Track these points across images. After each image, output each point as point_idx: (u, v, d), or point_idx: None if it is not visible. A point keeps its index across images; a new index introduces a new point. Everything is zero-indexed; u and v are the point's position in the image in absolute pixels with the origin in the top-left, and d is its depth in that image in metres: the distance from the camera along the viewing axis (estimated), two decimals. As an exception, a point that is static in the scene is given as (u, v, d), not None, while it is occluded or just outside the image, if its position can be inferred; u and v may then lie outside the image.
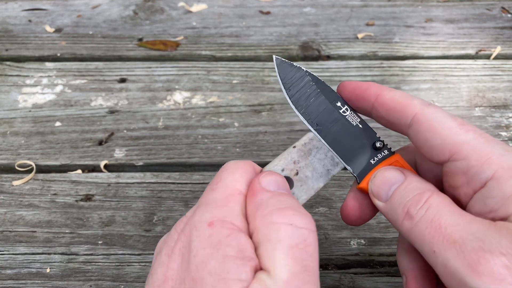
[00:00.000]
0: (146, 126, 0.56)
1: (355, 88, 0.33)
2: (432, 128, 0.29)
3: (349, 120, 0.33)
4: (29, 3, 0.77)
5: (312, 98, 0.33)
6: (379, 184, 0.31)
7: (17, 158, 0.52)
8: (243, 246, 0.26)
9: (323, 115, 0.33)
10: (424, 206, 0.27)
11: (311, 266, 0.26)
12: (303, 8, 0.76)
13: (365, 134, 0.33)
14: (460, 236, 0.25)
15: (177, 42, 0.69)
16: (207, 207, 0.28)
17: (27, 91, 0.61)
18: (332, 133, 0.33)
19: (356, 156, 0.33)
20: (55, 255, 0.43)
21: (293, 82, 0.33)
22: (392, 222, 0.29)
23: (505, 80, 0.61)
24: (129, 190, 0.49)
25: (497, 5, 0.75)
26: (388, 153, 0.33)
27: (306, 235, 0.27)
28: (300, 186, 0.33)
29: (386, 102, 0.31)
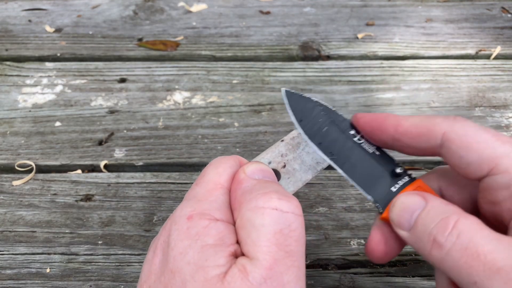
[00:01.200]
0: (146, 126, 0.56)
1: (371, 121, 0.31)
2: (465, 144, 0.27)
3: (365, 148, 0.32)
4: (29, 3, 0.77)
5: (325, 128, 0.32)
6: (399, 212, 0.29)
7: (17, 158, 0.52)
8: (222, 234, 0.26)
9: (338, 144, 0.32)
10: (453, 232, 0.25)
11: (296, 251, 0.26)
12: (303, 8, 0.75)
13: (383, 161, 0.32)
14: (505, 263, 0.23)
15: (177, 42, 0.69)
16: (189, 202, 0.28)
17: (27, 91, 0.61)
18: (348, 162, 0.31)
19: (376, 184, 0.31)
20: (55, 255, 0.43)
21: (304, 113, 0.32)
22: (419, 252, 0.27)
23: (505, 80, 0.61)
24: (129, 190, 0.49)
25: (497, 5, 0.75)
26: (409, 179, 0.31)
27: (292, 220, 0.26)
28: (288, 179, 0.32)
29: (408, 130, 0.30)
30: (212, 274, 0.25)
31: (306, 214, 0.46)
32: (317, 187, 0.48)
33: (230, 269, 0.25)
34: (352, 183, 0.31)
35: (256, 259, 0.25)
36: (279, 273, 0.25)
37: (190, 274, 0.25)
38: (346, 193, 0.48)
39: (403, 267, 0.42)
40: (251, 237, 0.26)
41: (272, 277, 0.25)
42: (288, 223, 0.26)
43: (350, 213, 0.46)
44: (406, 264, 0.42)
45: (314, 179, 0.49)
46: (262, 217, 0.26)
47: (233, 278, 0.24)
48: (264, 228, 0.26)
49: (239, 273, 0.24)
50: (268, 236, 0.25)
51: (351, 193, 0.48)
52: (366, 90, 0.60)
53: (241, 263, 0.25)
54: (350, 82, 0.62)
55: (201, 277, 0.25)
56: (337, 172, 0.33)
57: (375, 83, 0.61)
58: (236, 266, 0.25)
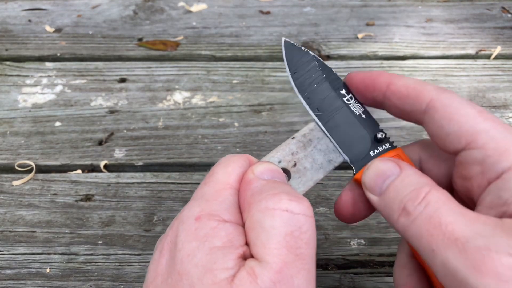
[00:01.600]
0: (146, 126, 0.56)
1: (364, 78, 0.31)
2: (448, 114, 0.27)
3: (352, 109, 0.32)
4: (29, 3, 0.77)
5: (316, 83, 0.32)
6: (372, 176, 0.29)
7: (17, 158, 0.52)
8: (231, 236, 0.26)
9: (326, 101, 0.32)
10: (422, 203, 0.25)
11: (306, 253, 0.25)
12: (303, 8, 0.75)
13: (367, 125, 0.32)
14: (463, 234, 0.23)
15: (177, 42, 0.69)
16: (197, 201, 0.28)
17: (27, 91, 0.61)
18: (333, 120, 0.31)
19: (355, 146, 0.31)
20: (55, 255, 0.43)
21: (299, 66, 0.32)
22: (386, 218, 0.28)
23: (505, 80, 0.61)
24: (129, 190, 0.49)
25: (497, 5, 0.75)
26: (389, 147, 0.31)
27: (302, 222, 0.26)
28: (298, 178, 0.32)
29: (399, 89, 0.29)
30: (221, 277, 0.24)
31: (306, 214, 0.46)
32: (317, 187, 0.48)
33: (239, 272, 0.24)
34: (332, 141, 0.31)
35: (266, 262, 0.24)
36: (289, 276, 0.24)
37: (197, 277, 0.24)
38: (346, 193, 0.48)
39: (403, 267, 0.42)
40: (260, 239, 0.25)
41: (282, 280, 0.24)
42: (299, 225, 0.26)
43: (350, 213, 0.46)
44: (406, 264, 0.42)
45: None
46: (272, 219, 0.25)
47: (242, 281, 0.24)
48: (274, 230, 0.25)
49: (248, 276, 0.24)
50: (278, 238, 0.25)
51: (351, 193, 0.48)
52: (366, 90, 0.60)
53: (250, 266, 0.25)
54: (350, 82, 0.62)
55: (209, 280, 0.24)
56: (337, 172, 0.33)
57: (375, 83, 0.61)
58: (244, 269, 0.25)
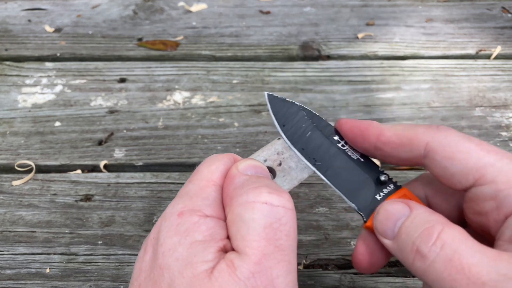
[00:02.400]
0: (146, 126, 0.56)
1: (353, 128, 0.31)
2: (449, 154, 0.27)
3: (349, 154, 0.31)
4: (29, 3, 0.77)
5: (308, 133, 0.31)
6: (382, 220, 0.28)
7: (17, 158, 0.52)
8: (211, 230, 0.26)
9: (321, 150, 0.31)
10: (437, 243, 0.24)
11: (286, 245, 0.26)
12: (303, 8, 0.75)
13: (367, 168, 0.31)
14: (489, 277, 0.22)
15: (177, 42, 0.69)
16: (181, 198, 0.28)
17: (26, 91, 0.61)
18: (332, 169, 0.31)
19: (360, 192, 0.30)
20: (55, 255, 0.43)
21: (287, 117, 0.32)
22: (403, 262, 0.27)
23: (505, 80, 0.61)
24: (129, 190, 0.49)
25: (497, 5, 0.75)
26: (394, 187, 0.30)
27: (282, 214, 0.26)
28: (283, 177, 0.32)
29: (390, 140, 0.29)
30: (200, 269, 0.25)
31: (306, 214, 0.46)
32: (317, 187, 0.48)
33: (218, 264, 0.25)
34: (336, 191, 0.31)
35: (245, 254, 0.25)
36: (268, 267, 0.25)
37: (178, 271, 0.25)
38: (346, 193, 0.48)
39: (403, 267, 0.42)
40: (240, 231, 0.25)
41: (261, 271, 0.24)
42: (278, 217, 0.26)
43: (350, 213, 0.46)
44: (406, 264, 0.42)
45: (314, 179, 0.49)
46: (252, 212, 0.26)
47: (221, 273, 0.24)
48: (253, 223, 0.25)
49: (227, 268, 0.24)
50: (257, 230, 0.25)
51: (351, 193, 0.48)
52: (366, 90, 0.60)
53: (229, 258, 0.25)
54: (350, 82, 0.62)
55: (189, 273, 0.25)
56: None
57: (375, 83, 0.61)
58: (224, 261, 0.25)
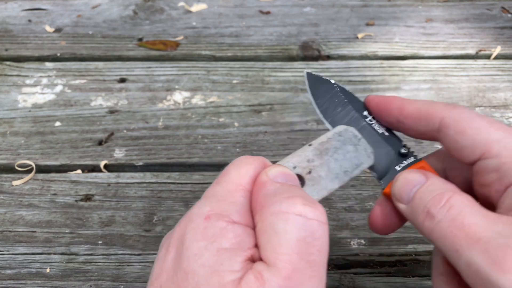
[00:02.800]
0: (146, 126, 0.56)
1: (379, 103, 0.33)
2: (461, 129, 0.29)
3: (375, 128, 0.34)
4: (29, 3, 0.77)
5: (339, 108, 0.34)
6: (400, 186, 0.30)
7: (17, 158, 0.52)
8: (239, 237, 0.26)
9: (350, 123, 0.34)
10: (445, 206, 0.27)
11: (318, 261, 0.25)
12: (303, 8, 0.75)
13: (390, 142, 0.34)
14: (485, 234, 0.24)
15: (177, 42, 0.69)
16: (207, 200, 0.28)
17: (27, 91, 0.61)
18: None
19: (382, 163, 0.33)
20: (55, 255, 0.43)
21: (322, 93, 0.34)
22: (414, 224, 0.29)
23: (505, 80, 0.61)
24: (129, 190, 0.49)
25: (497, 5, 0.75)
26: (414, 160, 0.33)
27: (316, 228, 0.25)
28: (312, 186, 0.31)
29: (410, 113, 0.32)
30: (227, 279, 0.24)
31: (306, 214, 0.46)
32: (317, 187, 0.48)
33: (246, 275, 0.24)
34: None
35: (275, 267, 0.24)
36: (298, 283, 0.24)
37: (204, 277, 0.24)
38: (346, 193, 0.48)
39: (403, 267, 0.42)
40: (271, 242, 0.25)
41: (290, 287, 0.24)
42: (312, 230, 0.25)
43: (350, 213, 0.46)
44: (406, 264, 0.42)
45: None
46: (285, 223, 0.25)
47: (249, 285, 0.24)
48: (286, 234, 0.25)
49: (255, 280, 0.24)
50: (290, 243, 0.24)
51: (351, 193, 0.48)
52: (366, 90, 0.60)
53: (258, 270, 0.24)
54: (350, 82, 0.62)
55: (215, 281, 0.24)
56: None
57: (375, 83, 0.61)
58: (252, 272, 0.24)
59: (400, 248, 0.43)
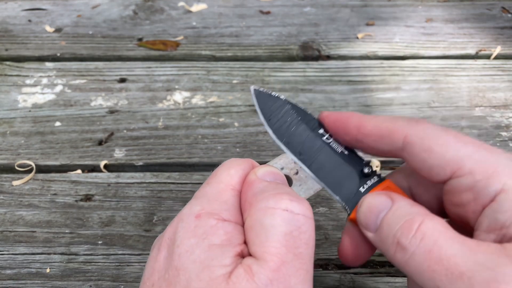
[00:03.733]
0: (146, 126, 0.56)
1: (335, 121, 0.31)
2: (427, 147, 0.27)
3: (333, 147, 0.31)
4: (29, 3, 0.77)
5: (293, 127, 0.31)
6: (366, 213, 0.28)
7: (17, 158, 0.52)
8: (229, 234, 0.26)
9: (306, 143, 0.31)
10: (417, 235, 0.24)
11: (305, 253, 0.26)
12: (303, 8, 0.75)
13: (351, 161, 0.31)
14: (467, 267, 0.22)
15: (177, 42, 0.69)
16: (198, 200, 0.28)
17: (27, 91, 0.61)
18: (317, 162, 0.31)
19: (344, 185, 0.30)
20: (55, 255, 0.43)
21: (273, 112, 0.32)
22: (385, 255, 0.27)
23: (505, 80, 0.61)
24: (129, 190, 0.49)
25: (497, 5, 0.75)
26: (378, 179, 0.31)
27: (302, 222, 0.26)
28: (299, 186, 0.32)
29: (370, 131, 0.29)
30: (218, 273, 0.25)
31: (306, 214, 0.46)
32: (317, 187, 0.48)
33: (236, 269, 0.25)
34: (320, 184, 0.31)
35: (263, 260, 0.25)
36: (286, 275, 0.25)
37: (195, 273, 0.25)
38: (346, 193, 0.48)
39: (403, 267, 0.42)
40: (259, 237, 0.25)
41: (279, 279, 0.24)
42: (298, 225, 0.26)
43: (350, 213, 0.46)
44: (406, 264, 0.42)
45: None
46: (272, 218, 0.26)
47: (238, 278, 0.24)
48: (273, 229, 0.25)
49: (245, 273, 0.24)
50: (277, 237, 0.25)
51: (351, 193, 0.48)
52: (366, 90, 0.60)
53: (247, 264, 0.25)
54: (350, 82, 0.62)
55: (206, 276, 0.25)
56: None
57: (375, 83, 0.61)
58: (242, 266, 0.25)
59: (400, 248, 0.43)
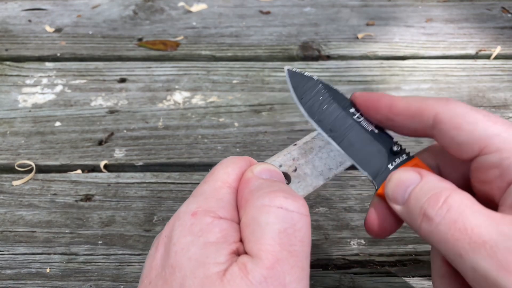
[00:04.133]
0: (146, 126, 0.56)
1: (366, 100, 0.32)
2: (456, 125, 0.28)
3: (363, 126, 0.32)
4: (29, 3, 0.77)
5: (325, 105, 0.32)
6: (394, 187, 0.29)
7: (17, 158, 0.52)
8: (225, 232, 0.26)
9: (337, 121, 0.32)
10: (443, 207, 0.26)
11: (300, 251, 0.26)
12: (303, 8, 0.75)
13: (381, 139, 0.32)
14: (490, 236, 0.23)
15: (177, 42, 0.69)
16: (195, 198, 0.28)
17: (27, 91, 0.61)
18: (347, 139, 0.32)
19: (373, 162, 0.32)
20: (55, 255, 0.43)
21: (305, 91, 0.33)
22: (411, 226, 0.28)
23: (505, 80, 0.61)
24: (129, 190, 0.49)
25: (497, 5, 0.75)
26: (406, 157, 0.32)
27: (297, 220, 0.26)
28: (298, 183, 0.32)
29: (401, 110, 0.30)
30: (212, 271, 0.25)
31: (306, 214, 0.46)
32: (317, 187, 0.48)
33: (231, 267, 0.25)
34: (350, 160, 0.32)
35: (258, 258, 0.25)
36: (281, 272, 0.25)
37: (190, 270, 0.25)
38: (346, 193, 0.48)
39: (403, 267, 0.42)
40: (255, 235, 0.26)
41: (273, 276, 0.24)
42: (293, 222, 0.26)
43: (350, 213, 0.46)
44: (406, 264, 0.42)
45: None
46: (267, 215, 0.26)
47: (233, 276, 0.24)
48: (268, 226, 0.25)
49: (239, 271, 0.24)
50: (272, 235, 0.25)
51: (351, 193, 0.48)
52: (366, 90, 0.60)
53: (242, 262, 0.25)
54: (350, 82, 0.62)
55: (201, 273, 0.25)
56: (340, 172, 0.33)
57: (375, 83, 0.61)
58: (236, 264, 0.25)
59: (400, 248, 0.43)
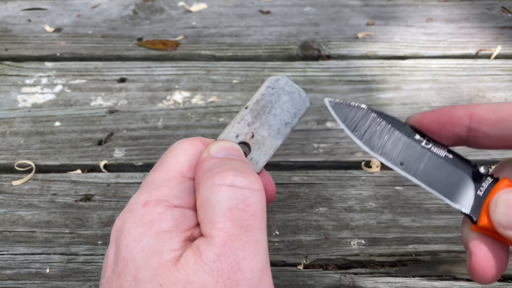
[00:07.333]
0: (145, 126, 0.56)
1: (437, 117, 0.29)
2: None
3: (435, 152, 0.29)
4: (29, 3, 0.77)
5: (385, 136, 0.29)
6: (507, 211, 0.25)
7: (17, 158, 0.52)
8: (178, 220, 0.26)
9: (405, 152, 0.29)
10: None
11: (253, 225, 0.25)
12: (303, 8, 0.75)
13: (459, 164, 0.29)
14: None
15: (177, 42, 0.69)
16: (145, 188, 0.28)
17: (26, 91, 0.61)
18: (422, 170, 0.29)
19: (458, 191, 0.28)
20: (55, 255, 0.43)
21: (358, 122, 0.30)
22: None
23: (506, 80, 0.61)
24: (129, 190, 0.49)
25: (497, 5, 0.75)
26: (492, 180, 0.28)
27: (248, 195, 0.26)
28: (258, 149, 0.31)
29: (486, 117, 0.27)
30: (166, 258, 0.24)
31: (306, 214, 0.46)
32: (317, 187, 0.48)
33: (185, 252, 0.25)
34: (432, 192, 0.28)
35: (211, 237, 0.25)
36: (234, 249, 0.24)
37: (143, 260, 0.25)
38: (346, 193, 0.48)
39: (403, 267, 0.42)
40: (207, 215, 0.25)
41: (226, 253, 0.24)
42: (243, 198, 0.26)
43: (350, 213, 0.46)
44: (406, 264, 0.42)
45: (314, 179, 0.49)
46: (218, 194, 0.25)
47: (186, 259, 0.24)
48: (219, 205, 0.25)
49: (193, 254, 0.24)
50: (223, 212, 0.25)
51: (351, 193, 0.48)
52: (366, 90, 0.60)
53: (196, 245, 0.25)
54: (351, 81, 0.62)
55: (155, 262, 0.24)
56: (337, 172, 0.33)
57: (375, 83, 0.61)
58: (191, 248, 0.25)
59: (400, 248, 0.43)
